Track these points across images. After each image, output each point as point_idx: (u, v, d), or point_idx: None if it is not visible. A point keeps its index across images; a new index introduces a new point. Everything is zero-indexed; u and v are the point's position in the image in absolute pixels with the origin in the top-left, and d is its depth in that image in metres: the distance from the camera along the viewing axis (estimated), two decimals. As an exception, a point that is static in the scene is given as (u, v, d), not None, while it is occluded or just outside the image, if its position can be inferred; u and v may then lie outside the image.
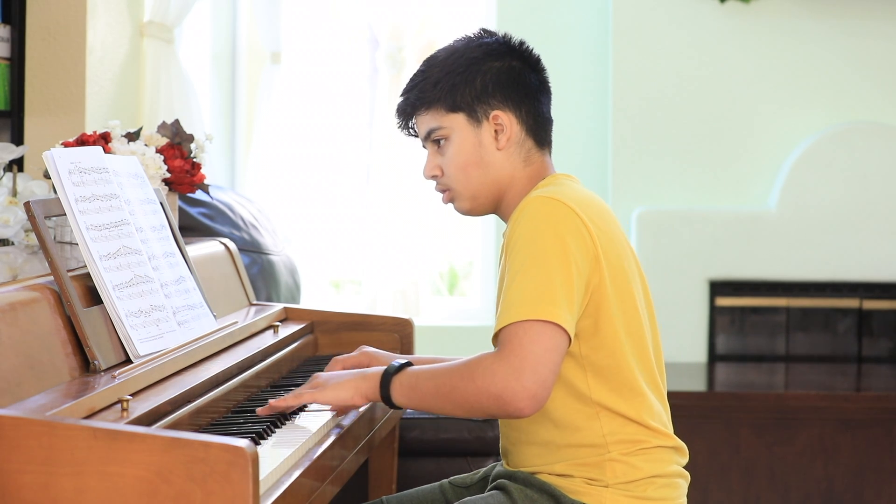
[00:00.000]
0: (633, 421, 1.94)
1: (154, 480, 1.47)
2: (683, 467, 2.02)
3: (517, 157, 2.03)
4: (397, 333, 2.64)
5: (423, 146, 2.08)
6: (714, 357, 4.55)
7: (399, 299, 4.84)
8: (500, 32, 2.09)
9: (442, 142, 2.04)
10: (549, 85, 2.09)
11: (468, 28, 2.14)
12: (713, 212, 4.54)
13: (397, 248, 4.84)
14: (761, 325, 4.54)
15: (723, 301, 4.54)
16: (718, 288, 4.54)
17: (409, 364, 1.96)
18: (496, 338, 1.86)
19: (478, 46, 2.04)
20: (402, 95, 2.09)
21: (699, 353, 4.53)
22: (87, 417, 1.66)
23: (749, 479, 4.01)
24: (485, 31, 2.09)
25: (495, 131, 2.02)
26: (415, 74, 2.08)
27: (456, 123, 2.02)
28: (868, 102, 4.60)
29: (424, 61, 2.08)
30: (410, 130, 2.09)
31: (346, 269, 5.20)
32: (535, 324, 1.81)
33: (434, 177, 2.06)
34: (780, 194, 4.51)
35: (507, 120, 2.02)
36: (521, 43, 2.08)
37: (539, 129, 2.05)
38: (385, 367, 1.96)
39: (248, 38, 4.97)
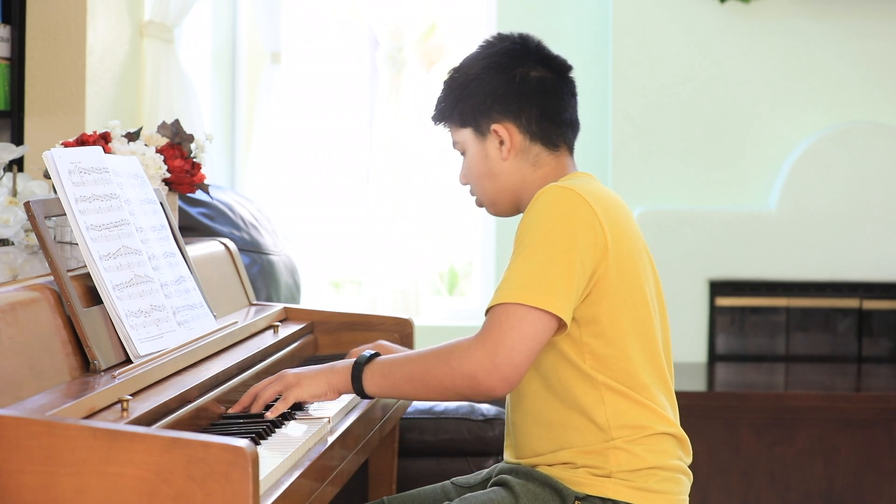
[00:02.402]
0: (637, 403, 1.96)
1: (154, 480, 1.47)
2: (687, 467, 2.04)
3: (525, 164, 2.08)
4: (397, 333, 2.64)
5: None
6: (714, 357, 4.55)
7: (399, 299, 4.84)
8: (516, 34, 2.11)
9: (463, 154, 2.12)
10: (570, 85, 2.11)
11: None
12: (713, 212, 4.54)
13: (397, 248, 4.84)
14: (761, 325, 4.53)
15: (723, 301, 4.54)
16: (718, 288, 4.54)
17: (378, 355, 2.02)
18: (486, 314, 1.91)
19: (483, 59, 2.09)
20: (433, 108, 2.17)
21: (699, 353, 4.53)
22: (87, 417, 1.66)
23: (749, 478, 4.01)
24: (500, 36, 2.12)
25: (500, 142, 2.07)
26: (441, 87, 2.15)
27: (467, 138, 2.10)
28: (868, 102, 4.60)
29: (447, 73, 2.15)
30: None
31: (346, 269, 5.20)
32: (521, 308, 1.87)
33: (465, 184, 2.15)
34: (781, 194, 4.51)
35: (505, 132, 2.06)
36: (537, 44, 2.10)
37: (548, 133, 2.07)
38: (355, 359, 2.01)
39: (248, 38, 4.97)
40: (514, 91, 2.06)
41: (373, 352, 2.03)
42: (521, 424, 2.03)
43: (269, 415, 1.97)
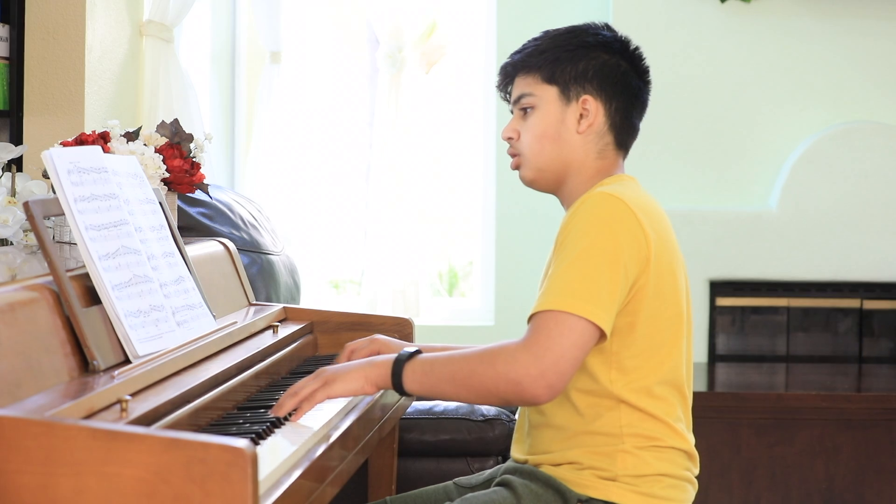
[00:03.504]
0: (653, 417, 1.96)
1: (153, 481, 1.46)
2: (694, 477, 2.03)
3: (592, 147, 2.07)
4: (397, 333, 2.63)
5: (511, 110, 2.13)
6: (714, 357, 4.54)
7: (399, 299, 4.83)
8: (622, 33, 2.15)
9: (528, 110, 2.09)
10: (648, 98, 2.15)
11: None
12: (713, 212, 4.54)
13: (397, 248, 4.84)
14: (762, 325, 4.53)
15: (723, 301, 4.53)
16: (719, 288, 4.53)
17: (418, 352, 1.99)
18: (530, 319, 1.89)
19: (595, 35, 2.11)
20: (509, 56, 2.14)
21: (700, 353, 4.53)
22: (87, 418, 1.65)
23: (750, 479, 4.01)
24: (608, 26, 2.15)
25: (580, 115, 2.06)
26: (529, 40, 2.14)
27: (547, 95, 2.08)
28: (868, 102, 4.59)
29: (543, 31, 2.15)
30: (506, 93, 2.14)
31: (346, 269, 5.20)
32: (569, 317, 1.85)
33: (510, 139, 2.11)
34: (781, 194, 4.51)
35: (594, 107, 2.07)
36: (636, 49, 2.14)
37: (622, 130, 2.09)
38: (396, 355, 1.98)
39: (248, 37, 4.96)
40: (617, 78, 2.08)
41: (414, 349, 2.00)
42: (537, 423, 2.03)
43: (295, 417, 1.96)
